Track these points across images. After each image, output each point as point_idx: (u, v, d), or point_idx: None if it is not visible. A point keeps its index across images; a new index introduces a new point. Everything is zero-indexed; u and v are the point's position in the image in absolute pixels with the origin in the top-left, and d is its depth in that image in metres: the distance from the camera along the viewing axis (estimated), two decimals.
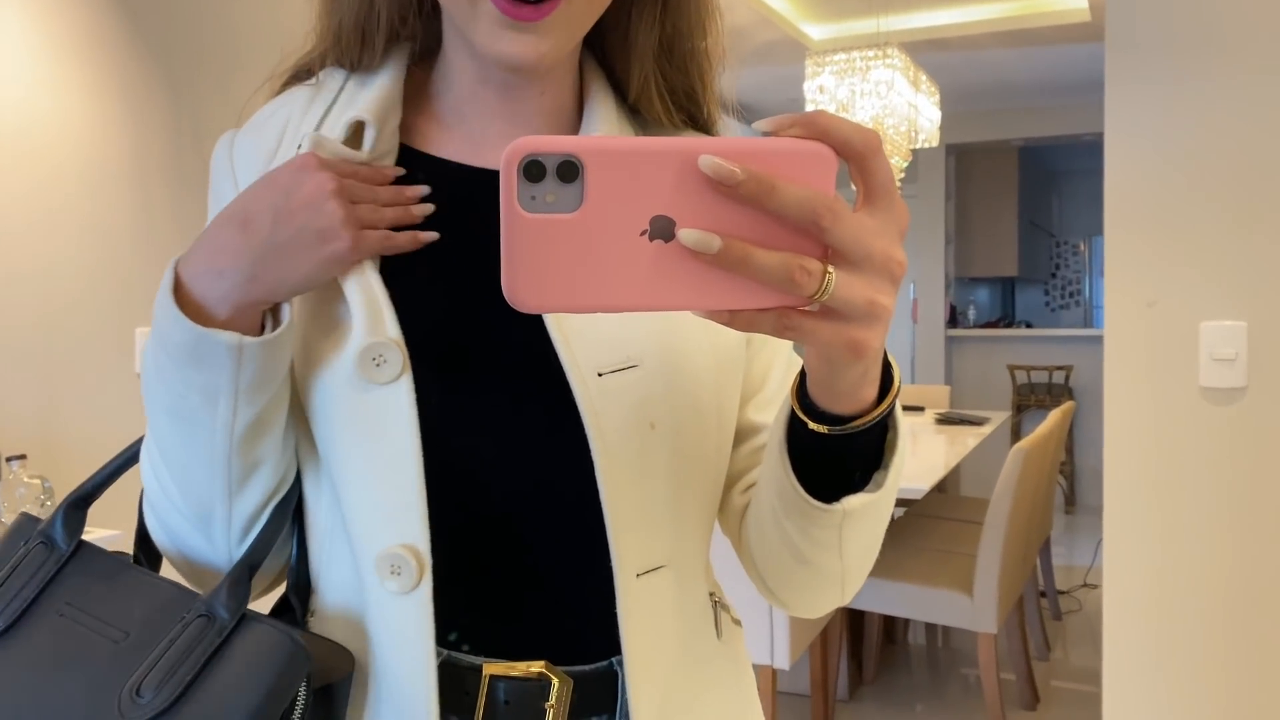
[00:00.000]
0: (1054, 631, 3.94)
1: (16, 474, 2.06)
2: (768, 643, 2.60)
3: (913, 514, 3.72)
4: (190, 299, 0.60)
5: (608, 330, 0.64)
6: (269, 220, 0.59)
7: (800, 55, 4.57)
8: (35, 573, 0.64)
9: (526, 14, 0.59)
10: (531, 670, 0.64)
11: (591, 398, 0.62)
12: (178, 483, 0.64)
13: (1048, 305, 9.48)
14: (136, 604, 0.62)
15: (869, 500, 0.58)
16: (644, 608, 0.64)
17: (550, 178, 0.42)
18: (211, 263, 0.60)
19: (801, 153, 0.44)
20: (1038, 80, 5.96)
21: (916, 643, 3.85)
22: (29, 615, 0.63)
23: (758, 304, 0.45)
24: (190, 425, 0.61)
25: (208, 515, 0.64)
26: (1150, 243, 1.91)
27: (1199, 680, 1.90)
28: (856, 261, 0.45)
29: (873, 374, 0.52)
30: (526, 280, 0.43)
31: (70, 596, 0.63)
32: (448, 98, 0.70)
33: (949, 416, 4.19)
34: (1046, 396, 6.54)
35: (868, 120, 3.87)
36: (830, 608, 0.71)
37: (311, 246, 0.60)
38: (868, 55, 3.81)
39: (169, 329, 0.60)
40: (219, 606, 0.61)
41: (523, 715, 0.64)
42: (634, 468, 0.63)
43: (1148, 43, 1.90)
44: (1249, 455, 1.85)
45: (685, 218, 0.43)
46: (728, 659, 0.74)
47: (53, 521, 0.66)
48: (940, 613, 2.90)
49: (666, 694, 0.67)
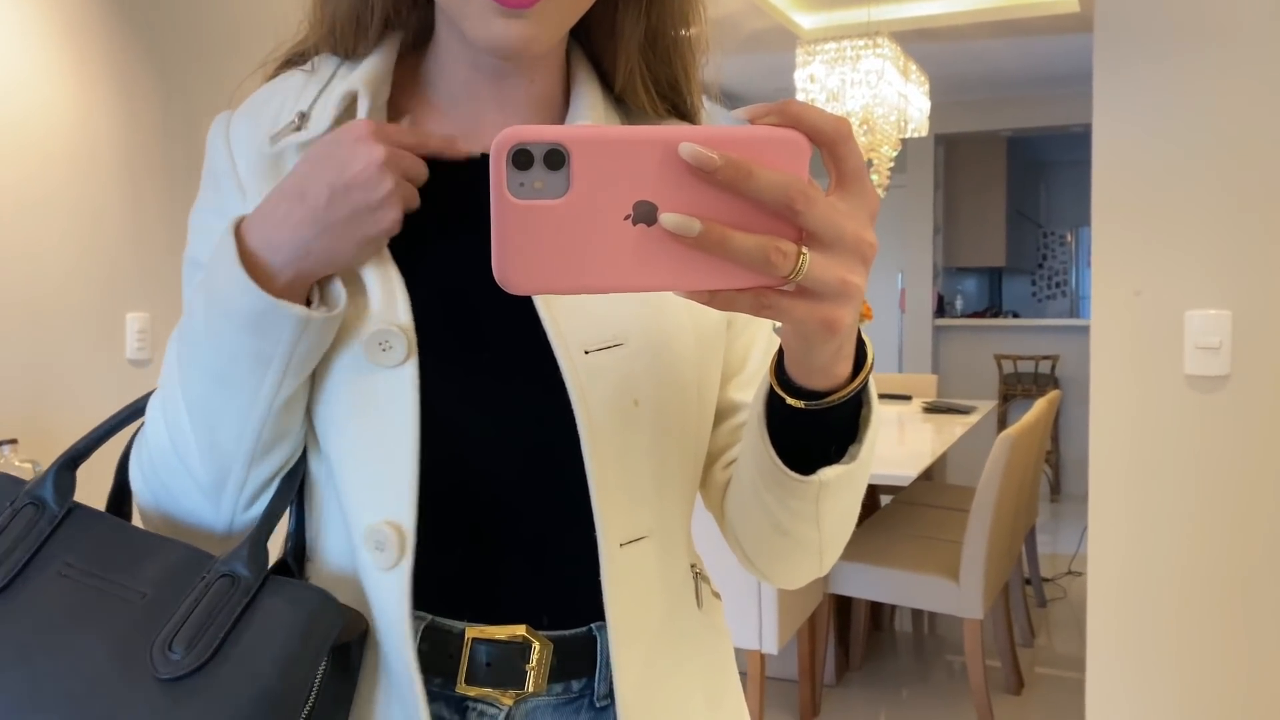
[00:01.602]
0: (1039, 619, 3.98)
1: (8, 458, 2.06)
2: (756, 628, 2.62)
3: (900, 501, 3.75)
4: (252, 263, 0.62)
5: (594, 310, 0.66)
6: (325, 196, 0.61)
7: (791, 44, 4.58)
8: (27, 534, 0.64)
9: (517, 1, 0.61)
10: (515, 634, 0.67)
11: (578, 374, 0.65)
12: (200, 443, 0.64)
13: (1034, 295, 9.53)
14: (149, 563, 0.62)
15: (844, 472, 0.61)
16: (627, 576, 0.67)
17: (538, 165, 0.44)
18: (268, 235, 0.62)
19: (776, 140, 0.46)
20: (1027, 71, 5.98)
21: (903, 629, 3.89)
22: (25, 577, 0.62)
23: (736, 284, 0.47)
24: (232, 389, 0.63)
25: (223, 479, 0.65)
26: (1137, 232, 1.93)
27: (1181, 666, 1.93)
28: (829, 243, 0.47)
29: (846, 350, 0.55)
30: (515, 263, 0.45)
31: (71, 557, 0.63)
32: (439, 85, 0.72)
33: (936, 405, 4.22)
34: (1033, 386, 6.58)
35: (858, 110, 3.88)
36: (809, 578, 0.73)
37: (365, 221, 0.61)
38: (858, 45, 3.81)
39: (234, 295, 0.61)
40: (240, 566, 0.62)
41: (503, 676, 0.67)
42: (618, 442, 0.66)
43: (1136, 32, 1.92)
44: (1233, 443, 1.88)
45: (666, 203, 0.45)
46: (708, 629, 0.76)
47: (42, 482, 0.66)
48: (927, 599, 2.93)
49: (649, 659, 0.69)
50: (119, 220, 2.63)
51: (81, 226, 2.53)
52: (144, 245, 2.69)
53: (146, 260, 2.69)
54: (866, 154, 4.19)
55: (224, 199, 0.70)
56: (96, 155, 2.57)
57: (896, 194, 6.74)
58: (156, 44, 2.72)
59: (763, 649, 2.64)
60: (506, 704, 0.67)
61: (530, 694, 0.67)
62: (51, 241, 2.45)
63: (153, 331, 2.70)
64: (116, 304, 2.62)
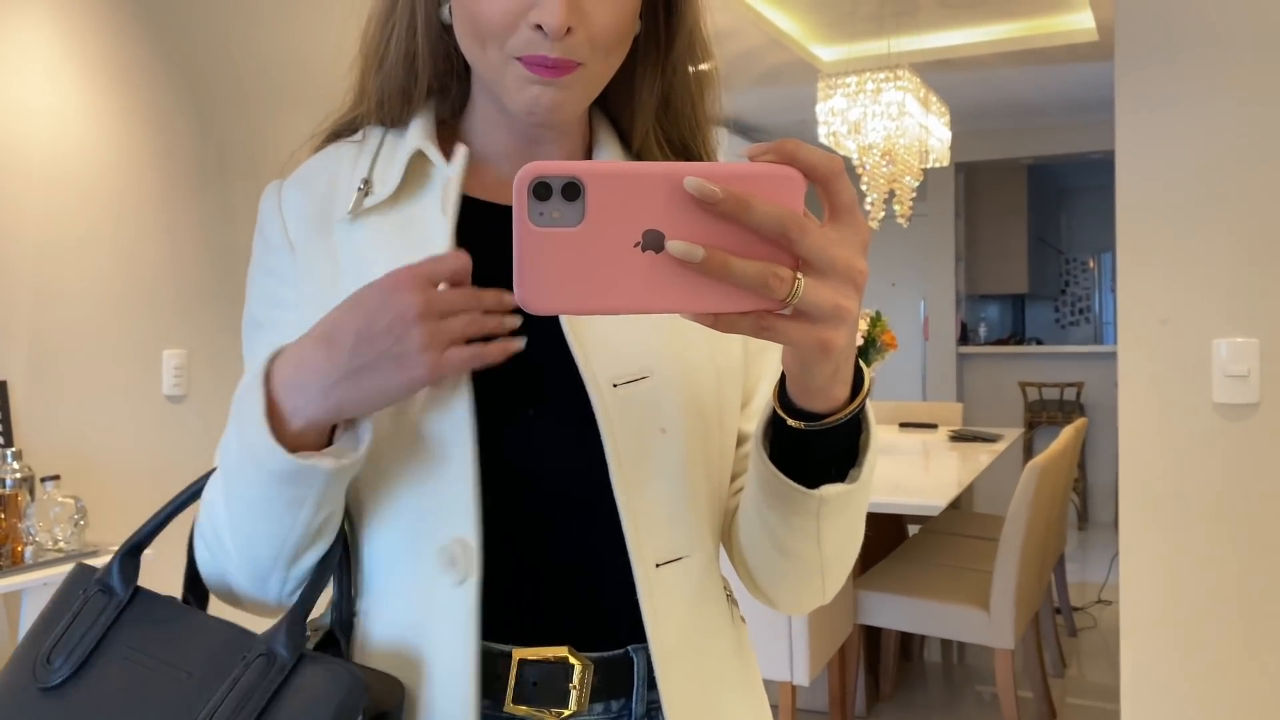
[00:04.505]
0: (1069, 648, 3.94)
1: (51, 494, 2.10)
2: (787, 659, 2.62)
3: (928, 531, 3.73)
4: (275, 411, 0.64)
5: (621, 346, 0.72)
6: (350, 343, 0.62)
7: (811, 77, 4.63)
8: (96, 619, 0.69)
9: (549, 73, 0.69)
10: (559, 655, 0.70)
11: (607, 407, 0.70)
12: (239, 549, 0.69)
13: (1058, 322, 9.49)
14: (196, 644, 0.67)
15: (844, 490, 0.65)
16: (665, 595, 0.71)
17: (556, 196, 0.49)
18: (294, 376, 0.64)
19: (774, 175, 0.50)
20: (1046, 99, 6.01)
21: (932, 660, 3.86)
22: (93, 660, 0.68)
23: (737, 307, 0.51)
24: (268, 519, 0.66)
25: (265, 577, 0.70)
26: (1161, 261, 1.94)
27: (1217, 695, 1.91)
28: (822, 270, 0.52)
29: (843, 374, 0.59)
30: (535, 286, 0.49)
31: (132, 640, 0.68)
32: (475, 145, 0.79)
33: (962, 434, 4.21)
34: (1058, 413, 6.55)
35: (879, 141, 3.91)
36: (813, 602, 0.77)
37: (388, 372, 0.62)
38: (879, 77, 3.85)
39: (262, 452, 0.63)
40: (279, 646, 0.66)
41: (548, 696, 0.70)
42: (647, 468, 0.71)
43: (1157, 65, 1.94)
44: (1263, 470, 1.87)
45: (673, 231, 0.49)
46: (743, 648, 0.80)
47: (109, 570, 0.71)
48: (957, 629, 2.91)
49: (690, 674, 0.73)
50: (156, 258, 2.68)
51: (120, 264, 2.58)
52: (180, 283, 2.74)
53: (182, 298, 2.74)
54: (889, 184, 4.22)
55: (275, 259, 0.76)
56: (135, 195, 2.63)
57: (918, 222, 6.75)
58: (193, 85, 2.78)
59: (794, 680, 2.64)
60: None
61: (574, 713, 0.71)
62: (91, 279, 2.51)
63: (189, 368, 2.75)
64: (153, 341, 2.66)
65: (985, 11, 4.63)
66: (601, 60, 0.71)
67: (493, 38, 0.69)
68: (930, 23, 4.72)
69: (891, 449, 3.81)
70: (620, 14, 0.71)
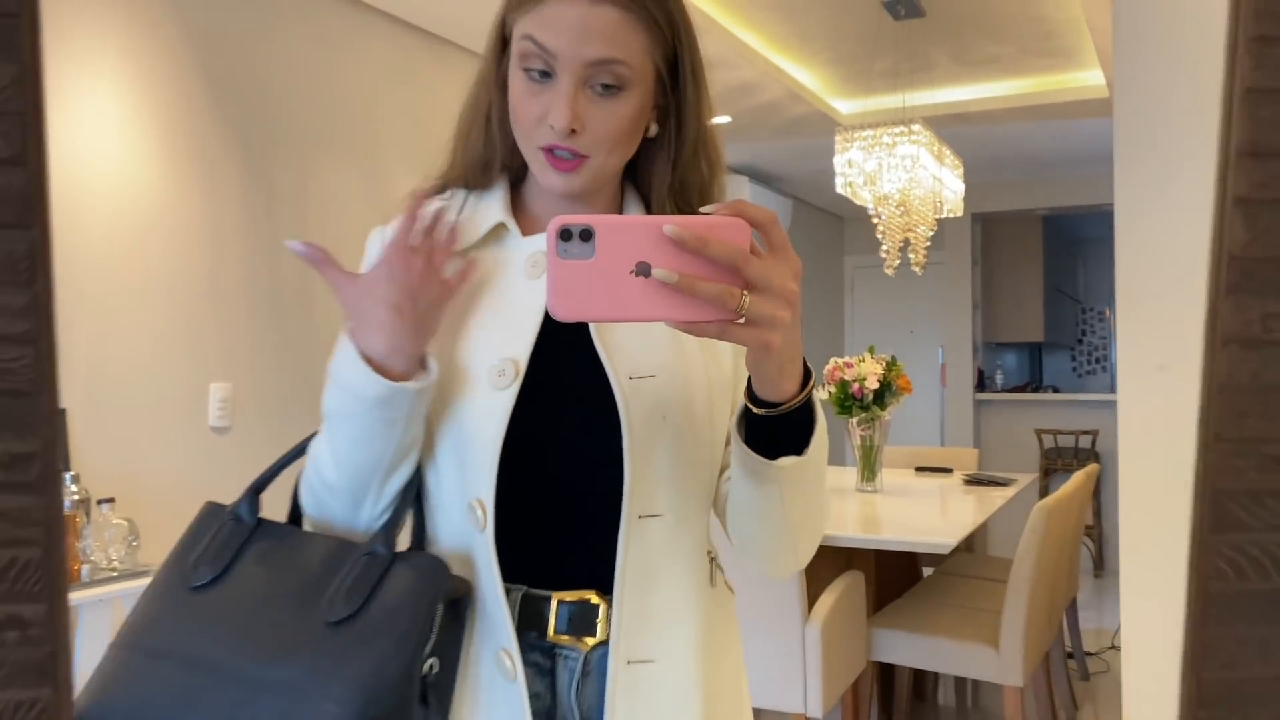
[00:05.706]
0: (1082, 691, 3.98)
1: (106, 516, 2.22)
2: (800, 691, 2.70)
3: (941, 572, 3.80)
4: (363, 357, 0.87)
5: (636, 351, 0.94)
6: (387, 305, 0.88)
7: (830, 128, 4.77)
8: (230, 538, 0.90)
9: (562, 166, 0.91)
10: (586, 597, 0.93)
11: (625, 394, 0.92)
12: (346, 477, 0.90)
13: (1074, 370, 9.53)
14: (312, 551, 0.89)
15: (798, 462, 0.83)
16: (638, 539, 0.92)
17: (575, 239, 0.69)
18: (358, 335, 0.88)
19: (726, 224, 0.71)
20: (1059, 152, 6.13)
21: (946, 702, 3.91)
22: (232, 567, 0.88)
23: (705, 317, 0.70)
24: (370, 442, 0.89)
25: (362, 496, 0.91)
26: (1160, 311, 2.03)
27: None
28: (763, 289, 0.71)
29: (789, 371, 0.78)
30: (562, 300, 0.69)
31: (262, 551, 0.90)
32: (532, 205, 1.03)
33: (977, 478, 4.28)
34: (1074, 460, 6.59)
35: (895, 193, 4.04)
36: (788, 564, 0.95)
37: (391, 320, 0.87)
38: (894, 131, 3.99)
39: (364, 386, 0.86)
40: (379, 546, 0.88)
41: (580, 628, 0.93)
42: (649, 444, 0.92)
43: (1152, 118, 2.05)
44: None
45: (657, 262, 0.69)
46: (717, 606, 0.99)
47: (239, 504, 0.93)
48: (967, 665, 2.98)
49: (647, 610, 0.92)
50: (204, 297, 2.82)
51: (170, 303, 2.72)
52: (226, 320, 2.87)
53: (228, 334, 2.88)
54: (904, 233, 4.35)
55: None
56: (184, 236, 2.77)
57: (935, 270, 6.87)
58: (240, 132, 2.94)
59: (807, 712, 2.71)
60: (583, 649, 0.93)
61: (600, 640, 0.93)
62: (143, 316, 2.65)
63: (233, 401, 2.88)
64: (200, 375, 2.80)
65: (998, 69, 4.78)
66: (605, 155, 0.91)
67: (524, 133, 0.92)
68: (945, 78, 4.87)
69: (907, 491, 3.90)
70: (621, 121, 0.91)
